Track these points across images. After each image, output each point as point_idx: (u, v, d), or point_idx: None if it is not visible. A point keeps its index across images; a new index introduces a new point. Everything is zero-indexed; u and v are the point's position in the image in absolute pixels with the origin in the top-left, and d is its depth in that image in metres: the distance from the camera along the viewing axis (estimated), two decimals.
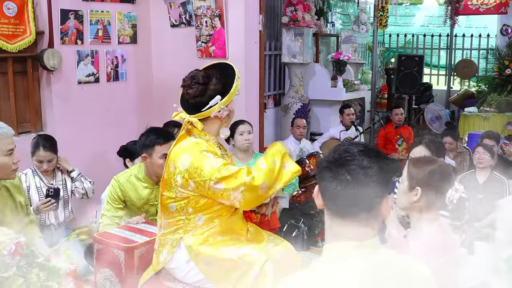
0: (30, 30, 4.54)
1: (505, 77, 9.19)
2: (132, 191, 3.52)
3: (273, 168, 2.67)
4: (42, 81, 4.85)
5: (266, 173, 2.64)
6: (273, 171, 2.66)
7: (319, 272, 1.48)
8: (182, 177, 2.68)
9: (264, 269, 2.61)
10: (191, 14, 5.31)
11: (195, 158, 2.67)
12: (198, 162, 2.65)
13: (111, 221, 3.46)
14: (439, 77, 11.88)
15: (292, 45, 7.13)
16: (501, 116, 8.49)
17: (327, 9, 9.08)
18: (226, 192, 2.63)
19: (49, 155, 4.04)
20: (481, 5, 10.42)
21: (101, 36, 5.16)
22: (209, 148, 2.74)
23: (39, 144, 4.04)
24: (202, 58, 5.28)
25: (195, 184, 2.66)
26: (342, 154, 1.49)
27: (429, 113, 9.29)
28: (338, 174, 1.46)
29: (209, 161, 2.65)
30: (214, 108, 2.72)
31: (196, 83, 2.73)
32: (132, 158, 4.18)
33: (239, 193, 2.62)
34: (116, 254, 2.94)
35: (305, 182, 5.20)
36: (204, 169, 2.63)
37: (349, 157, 1.47)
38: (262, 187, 2.63)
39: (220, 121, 2.81)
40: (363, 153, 1.48)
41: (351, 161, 1.46)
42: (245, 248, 2.71)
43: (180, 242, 2.76)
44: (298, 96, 7.30)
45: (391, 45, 11.92)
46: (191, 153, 2.70)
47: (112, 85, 5.32)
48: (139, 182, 3.54)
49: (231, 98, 2.76)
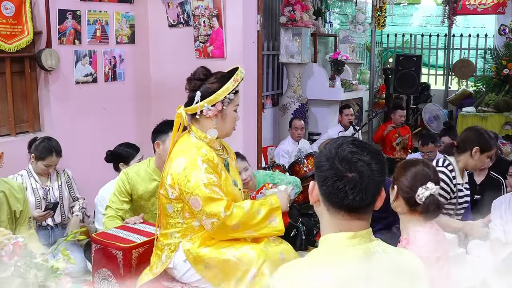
0: (28, 30, 4.54)
1: (503, 77, 9.20)
2: (140, 184, 3.54)
3: (253, 215, 2.68)
4: (40, 81, 4.84)
5: (244, 216, 2.66)
6: (252, 217, 2.68)
7: (316, 261, 1.54)
8: (172, 178, 2.71)
9: (262, 269, 2.62)
10: (189, 14, 5.31)
11: (188, 165, 2.68)
12: (188, 170, 2.66)
13: (115, 213, 3.50)
14: (437, 77, 11.89)
15: (290, 45, 7.14)
16: (499, 116, 8.50)
17: (325, 9, 9.09)
18: (200, 214, 2.66)
19: (58, 160, 4.08)
20: (479, 5, 10.43)
21: (99, 36, 5.16)
22: (208, 156, 2.72)
23: (52, 150, 4.02)
24: (200, 58, 5.27)
25: (180, 191, 2.69)
26: (346, 148, 1.52)
27: (427, 113, 9.30)
28: (343, 171, 1.50)
29: (198, 174, 2.65)
30: (197, 106, 2.73)
31: (195, 78, 2.79)
32: (126, 161, 4.16)
33: (210, 223, 2.65)
34: (114, 254, 2.95)
35: (303, 182, 5.21)
36: (190, 181, 2.65)
37: (353, 153, 1.51)
38: (234, 227, 2.66)
39: (210, 121, 2.79)
40: (365, 149, 1.53)
41: (356, 156, 1.50)
42: (243, 248, 2.71)
43: (179, 246, 2.76)
44: (296, 96, 7.31)
45: (389, 45, 11.93)
46: (187, 157, 2.71)
47: (110, 85, 5.32)
48: (148, 175, 3.56)
49: (218, 99, 2.73)
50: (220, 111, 2.77)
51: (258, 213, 2.70)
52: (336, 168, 1.50)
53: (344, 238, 1.52)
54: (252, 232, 2.71)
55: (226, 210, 2.62)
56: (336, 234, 1.53)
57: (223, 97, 2.74)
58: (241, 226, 2.66)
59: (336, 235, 1.53)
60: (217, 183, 2.68)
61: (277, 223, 2.75)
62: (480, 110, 8.78)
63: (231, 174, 2.92)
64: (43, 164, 4.02)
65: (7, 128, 4.62)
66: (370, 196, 1.51)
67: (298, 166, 5.26)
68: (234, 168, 3.02)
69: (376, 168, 1.50)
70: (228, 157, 2.95)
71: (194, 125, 2.84)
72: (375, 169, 1.50)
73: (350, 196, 1.48)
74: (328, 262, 1.50)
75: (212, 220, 2.62)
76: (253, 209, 2.69)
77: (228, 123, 2.85)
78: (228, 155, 2.98)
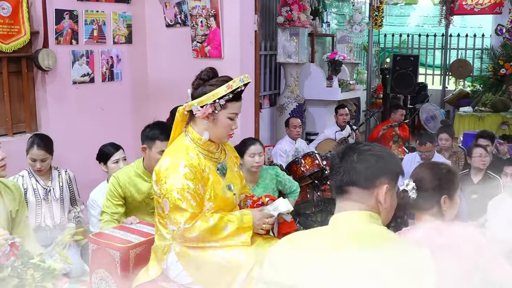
0: (25, 30, 4.53)
1: (500, 77, 9.23)
2: (132, 186, 3.53)
3: (217, 230, 2.64)
4: (37, 81, 4.84)
5: (207, 230, 2.63)
6: (216, 233, 2.65)
7: (322, 232, 1.73)
8: (156, 175, 2.73)
9: (251, 274, 2.59)
10: (186, 14, 5.31)
11: (170, 166, 2.68)
12: (169, 172, 2.66)
13: (111, 217, 3.48)
14: (434, 77, 11.91)
15: (288, 45, 7.15)
16: (496, 116, 8.52)
17: (323, 9, 9.10)
18: (166, 218, 2.69)
19: (42, 154, 4.00)
20: (476, 5, 10.46)
21: (96, 36, 5.15)
22: (193, 162, 2.70)
23: (33, 143, 4.00)
24: (197, 58, 5.27)
25: (158, 189, 2.71)
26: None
27: (424, 113, 9.32)
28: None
29: (175, 177, 2.64)
30: (190, 104, 2.73)
31: (198, 78, 2.79)
32: (105, 162, 4.14)
33: (171, 230, 2.67)
34: (112, 254, 2.94)
35: (300, 182, 5.21)
36: (166, 183, 2.65)
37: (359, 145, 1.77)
38: (193, 239, 2.65)
39: (202, 122, 2.76)
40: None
41: (361, 147, 1.76)
42: (233, 252, 2.67)
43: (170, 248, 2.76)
44: (294, 96, 7.31)
45: (386, 45, 11.95)
46: (172, 158, 2.72)
47: (107, 85, 5.31)
48: (138, 177, 3.54)
49: (206, 101, 2.69)
50: (211, 114, 2.73)
51: (225, 229, 2.66)
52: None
53: (350, 214, 1.71)
54: (214, 243, 2.68)
55: (186, 222, 2.61)
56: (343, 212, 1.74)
57: (213, 101, 2.69)
58: (201, 238, 2.65)
59: (343, 213, 1.73)
60: (192, 190, 2.65)
61: (244, 239, 2.69)
62: (477, 110, 8.81)
63: (228, 178, 2.87)
64: (29, 157, 4.01)
65: (4, 128, 4.62)
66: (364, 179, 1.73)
67: (296, 166, 5.25)
68: (234, 172, 2.97)
69: (374, 154, 1.75)
70: (225, 161, 2.90)
71: (191, 125, 2.83)
72: (374, 155, 1.75)
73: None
74: (332, 233, 1.67)
75: (173, 228, 2.66)
76: (220, 224, 2.65)
77: (219, 128, 2.78)
78: (225, 159, 2.92)
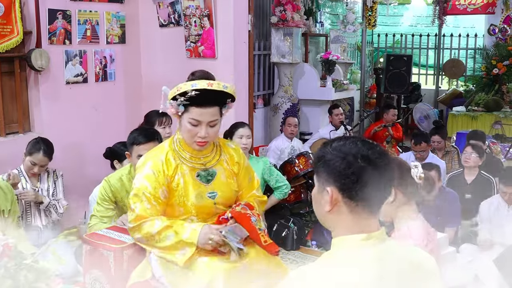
0: (18, 30, 4.51)
1: (493, 77, 9.26)
2: (123, 191, 3.51)
3: (159, 239, 2.63)
4: (30, 81, 4.82)
5: (148, 236, 2.64)
6: (157, 241, 2.63)
7: (331, 264, 1.47)
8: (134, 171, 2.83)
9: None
10: (180, 14, 5.30)
11: (141, 165, 2.74)
12: (138, 170, 2.76)
13: (101, 221, 3.46)
14: (427, 76, 11.94)
15: (281, 45, 7.14)
16: (489, 115, 8.56)
17: (316, 9, 9.10)
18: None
19: (45, 161, 4.04)
20: (469, 5, 10.50)
21: (89, 36, 5.14)
22: (159, 166, 2.68)
23: (40, 147, 4.00)
24: (191, 58, 5.26)
25: None
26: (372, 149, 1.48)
27: (417, 113, 9.34)
28: (370, 170, 1.45)
29: (138, 176, 2.71)
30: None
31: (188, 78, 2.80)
32: (120, 159, 4.16)
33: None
34: (105, 255, 2.92)
35: (294, 182, 5.21)
36: (133, 181, 2.75)
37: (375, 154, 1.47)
38: (138, 240, 2.72)
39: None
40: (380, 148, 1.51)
41: (378, 155, 1.47)
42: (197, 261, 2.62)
43: None
44: (288, 96, 7.31)
45: (379, 45, 11.96)
46: (144, 157, 2.78)
47: (100, 85, 5.30)
48: (130, 182, 3.53)
49: (172, 95, 2.61)
50: (177, 114, 2.67)
51: (167, 238, 2.62)
52: (367, 163, 1.45)
53: (357, 239, 1.47)
54: (158, 251, 2.67)
55: (130, 222, 2.68)
56: (350, 236, 1.48)
57: (173, 96, 2.62)
58: (144, 242, 2.68)
59: (349, 237, 1.48)
60: (149, 193, 2.64)
61: (182, 254, 2.61)
62: (470, 110, 8.84)
63: (213, 185, 2.77)
64: (29, 160, 4.00)
65: None
66: (386, 193, 1.50)
67: (290, 166, 5.25)
68: (224, 181, 2.81)
69: (390, 163, 1.50)
70: (213, 167, 2.79)
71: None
72: (389, 164, 1.49)
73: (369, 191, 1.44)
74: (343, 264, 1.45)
75: (128, 226, 2.75)
76: (162, 233, 2.62)
77: (184, 132, 2.69)
78: (215, 164, 2.79)
